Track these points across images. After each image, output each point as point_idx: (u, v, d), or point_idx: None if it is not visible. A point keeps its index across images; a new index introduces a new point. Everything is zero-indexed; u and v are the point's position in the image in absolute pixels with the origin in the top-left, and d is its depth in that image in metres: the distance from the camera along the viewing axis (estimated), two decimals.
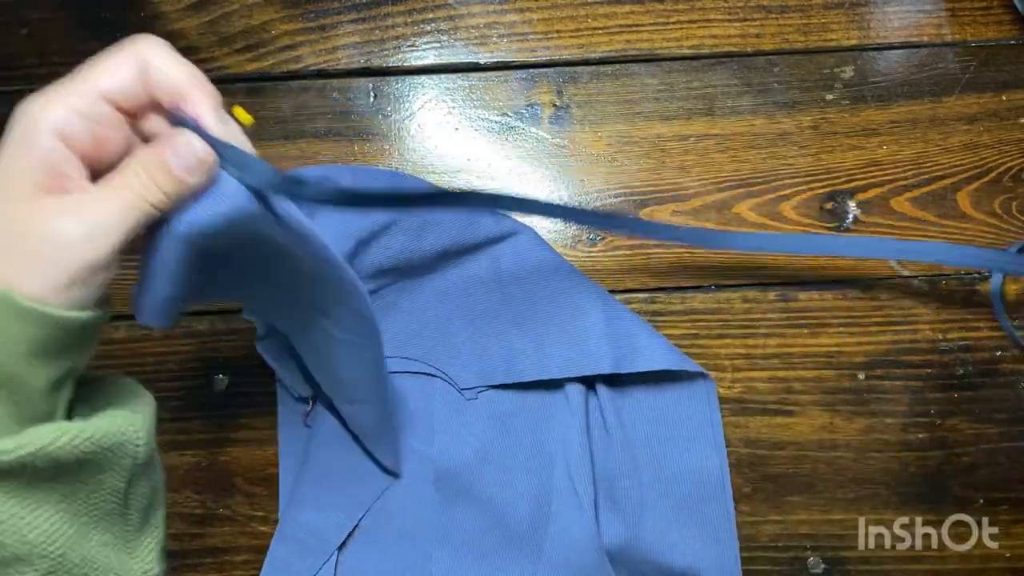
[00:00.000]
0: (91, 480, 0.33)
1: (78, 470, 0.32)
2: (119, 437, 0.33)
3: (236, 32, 0.53)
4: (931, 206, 0.51)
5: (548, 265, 0.49)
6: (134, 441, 0.34)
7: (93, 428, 0.32)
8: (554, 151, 0.52)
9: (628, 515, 0.47)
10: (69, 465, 0.31)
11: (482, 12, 0.53)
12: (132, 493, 0.35)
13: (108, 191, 0.31)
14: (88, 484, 0.33)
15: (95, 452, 0.32)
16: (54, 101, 0.30)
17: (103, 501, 0.34)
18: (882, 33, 0.53)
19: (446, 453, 0.49)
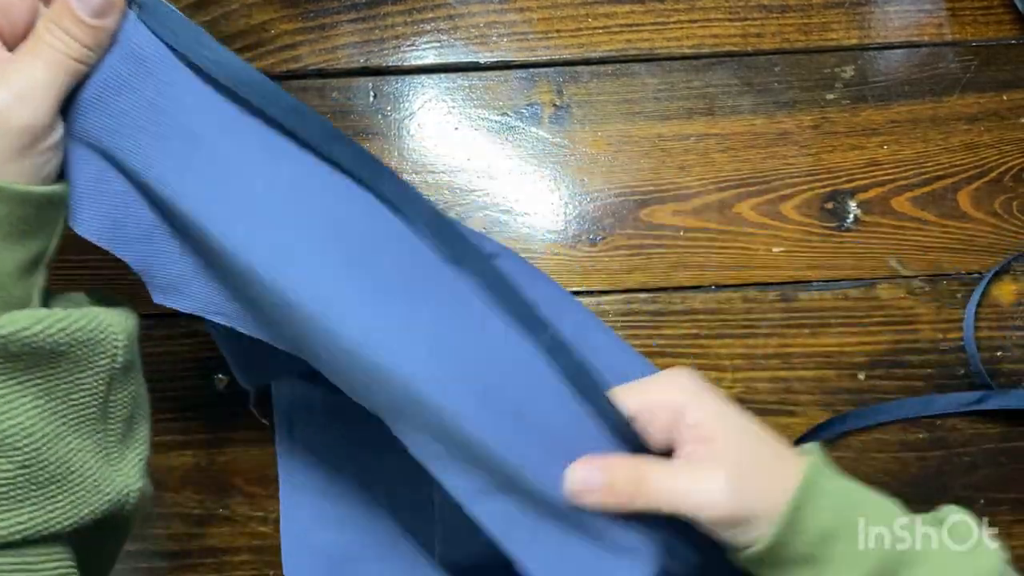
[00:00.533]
0: (69, 377, 0.32)
1: (54, 362, 0.31)
2: (96, 333, 0.32)
3: (236, 32, 0.53)
4: (931, 206, 0.51)
5: None
6: (112, 340, 0.33)
7: (70, 318, 0.31)
8: (554, 151, 0.52)
9: None
10: (44, 355, 0.30)
11: (482, 12, 0.53)
12: (112, 400, 0.34)
13: (26, 56, 0.30)
14: (66, 381, 0.32)
15: (71, 343, 0.31)
16: None
17: (82, 403, 0.33)
18: (882, 33, 0.53)
19: None
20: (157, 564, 0.48)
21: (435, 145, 0.52)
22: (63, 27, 0.30)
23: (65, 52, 0.30)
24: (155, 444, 0.49)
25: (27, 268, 0.32)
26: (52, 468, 0.31)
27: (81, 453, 0.33)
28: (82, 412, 0.33)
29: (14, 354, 0.30)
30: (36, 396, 0.31)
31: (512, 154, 0.52)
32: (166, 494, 0.50)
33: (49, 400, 0.31)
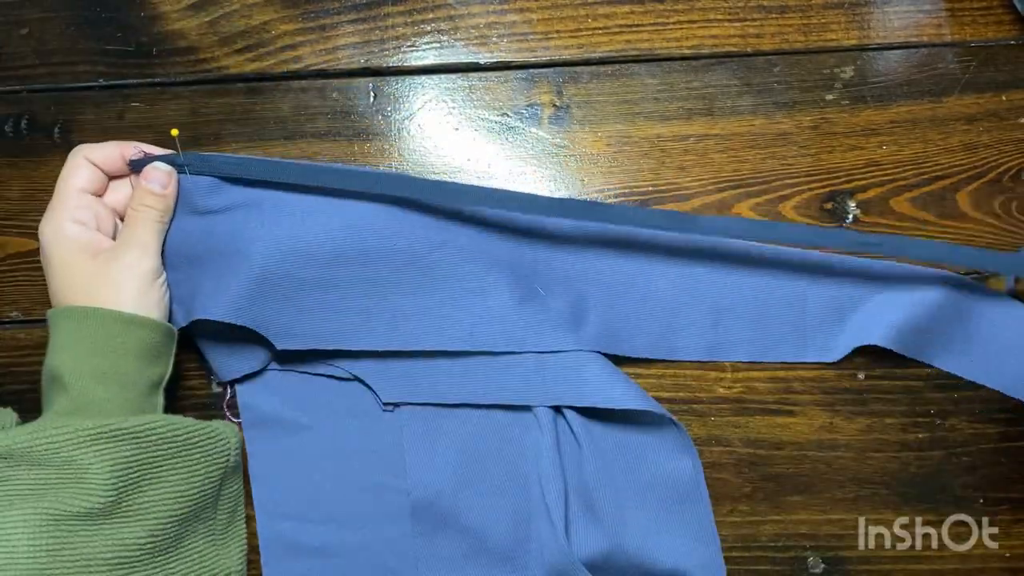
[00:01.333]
0: (195, 467, 0.43)
1: (187, 453, 0.43)
2: (216, 435, 0.45)
3: (236, 32, 0.53)
4: (931, 206, 0.51)
5: None
6: (226, 442, 0.46)
7: (196, 422, 0.44)
8: (554, 151, 0.52)
9: (607, 525, 0.47)
10: (179, 443, 0.43)
11: (482, 12, 0.53)
12: (223, 494, 0.46)
13: (131, 227, 0.46)
14: (193, 471, 0.43)
15: (199, 440, 0.44)
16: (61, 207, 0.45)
17: (202, 491, 0.43)
18: (882, 33, 0.53)
19: (421, 485, 0.48)
20: None
21: (435, 146, 0.52)
22: (147, 203, 0.46)
23: (152, 218, 0.46)
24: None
25: (155, 386, 0.45)
26: (171, 541, 0.42)
27: (194, 535, 0.43)
28: (200, 499, 0.43)
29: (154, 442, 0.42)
30: (170, 480, 0.42)
31: (512, 155, 0.52)
32: None
33: (179, 484, 0.42)
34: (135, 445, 0.41)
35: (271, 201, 0.48)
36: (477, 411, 0.49)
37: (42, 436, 0.40)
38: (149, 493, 0.41)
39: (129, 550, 0.39)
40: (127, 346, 0.43)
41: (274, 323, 0.47)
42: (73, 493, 0.39)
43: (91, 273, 0.44)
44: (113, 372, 0.43)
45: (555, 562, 0.46)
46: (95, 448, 0.40)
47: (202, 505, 0.44)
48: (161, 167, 0.47)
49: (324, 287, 0.47)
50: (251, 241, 0.46)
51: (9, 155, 0.52)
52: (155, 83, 0.53)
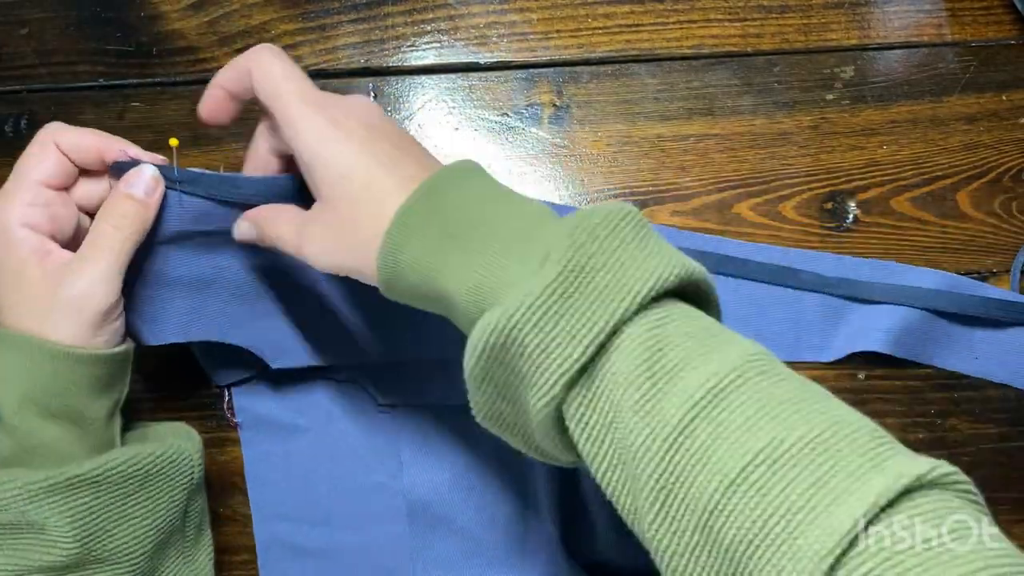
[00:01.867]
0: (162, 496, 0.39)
1: (151, 483, 0.39)
2: (177, 456, 0.40)
3: (236, 32, 0.53)
4: (931, 206, 0.51)
5: None
6: (190, 461, 0.41)
7: (157, 448, 0.40)
8: (554, 151, 0.52)
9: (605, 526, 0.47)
10: (141, 477, 0.38)
11: (482, 12, 0.53)
12: (189, 511, 0.42)
13: (91, 250, 0.37)
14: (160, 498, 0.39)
15: (162, 466, 0.39)
16: (10, 203, 0.37)
17: (170, 514, 0.40)
18: (882, 33, 0.53)
19: (417, 486, 0.48)
20: None
21: (435, 146, 0.52)
22: (121, 211, 0.37)
23: (122, 238, 0.37)
24: None
25: (111, 413, 0.40)
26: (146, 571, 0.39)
27: (167, 558, 0.40)
28: (171, 522, 0.40)
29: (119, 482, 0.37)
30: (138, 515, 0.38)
31: (512, 154, 0.52)
32: None
33: (147, 517, 0.39)
34: (95, 490, 0.36)
35: None
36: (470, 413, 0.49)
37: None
38: (118, 535, 0.37)
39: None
40: (78, 384, 0.37)
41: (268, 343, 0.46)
42: (34, 548, 0.35)
43: (38, 290, 0.36)
44: (63, 411, 0.37)
45: (552, 562, 0.46)
46: (50, 501, 0.35)
47: (171, 529, 0.40)
48: (149, 170, 0.38)
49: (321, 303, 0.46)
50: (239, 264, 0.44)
51: (9, 155, 0.52)
52: (155, 83, 0.53)
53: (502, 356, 0.30)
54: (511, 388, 0.31)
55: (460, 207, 0.33)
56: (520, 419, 0.32)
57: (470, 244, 0.32)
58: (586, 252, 0.30)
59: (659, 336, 0.29)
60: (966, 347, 0.49)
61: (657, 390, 0.28)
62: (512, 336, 0.29)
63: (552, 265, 0.29)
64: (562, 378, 0.29)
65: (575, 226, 0.30)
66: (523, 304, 0.29)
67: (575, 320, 0.29)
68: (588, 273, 0.30)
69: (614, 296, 0.29)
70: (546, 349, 0.29)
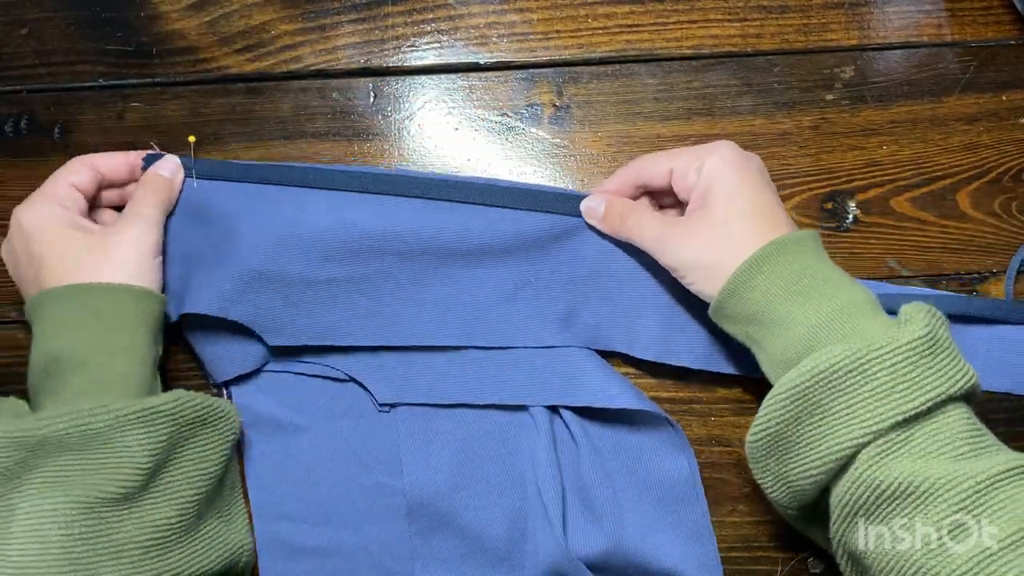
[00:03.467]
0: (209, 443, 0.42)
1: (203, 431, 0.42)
2: (224, 412, 0.44)
3: (236, 32, 0.53)
4: (931, 206, 0.51)
5: None
6: (233, 419, 0.44)
7: (210, 399, 0.43)
8: (554, 151, 0.52)
9: (606, 524, 0.47)
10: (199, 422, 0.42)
11: (482, 12, 0.53)
12: (227, 473, 0.45)
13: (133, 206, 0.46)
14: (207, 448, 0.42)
15: (217, 415, 0.43)
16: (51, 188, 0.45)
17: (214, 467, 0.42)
18: (882, 33, 0.53)
19: (417, 485, 0.48)
20: None
21: (435, 146, 0.52)
22: (154, 184, 0.47)
23: (155, 201, 0.46)
24: None
25: (156, 365, 0.44)
26: (193, 520, 0.41)
27: (208, 514, 0.43)
28: (212, 475, 0.42)
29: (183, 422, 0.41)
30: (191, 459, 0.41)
31: (512, 154, 0.52)
32: None
33: (200, 462, 0.42)
34: (171, 424, 0.40)
35: (265, 199, 0.48)
36: (473, 411, 0.49)
37: (79, 420, 0.38)
38: (174, 473, 0.40)
39: (161, 531, 0.39)
40: (140, 319, 0.42)
41: (265, 319, 0.47)
42: (106, 478, 0.38)
43: (88, 248, 0.43)
44: (132, 346, 0.42)
45: (553, 561, 0.46)
46: (136, 430, 0.39)
47: (213, 484, 0.43)
48: (174, 158, 0.48)
49: (315, 284, 0.47)
50: (243, 237, 0.47)
51: (9, 155, 0.52)
52: (155, 83, 0.53)
53: (837, 382, 0.36)
54: (812, 423, 0.37)
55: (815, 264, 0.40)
56: (796, 457, 0.38)
57: (824, 288, 0.39)
58: (937, 332, 0.37)
59: (973, 420, 0.36)
60: None
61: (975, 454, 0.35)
62: (863, 366, 0.35)
63: (917, 327, 0.36)
64: (896, 417, 0.35)
65: (926, 310, 0.38)
66: (888, 345, 0.35)
67: (924, 376, 0.35)
68: (938, 347, 0.36)
69: (953, 374, 0.36)
70: (893, 389, 0.35)
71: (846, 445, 0.35)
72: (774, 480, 0.39)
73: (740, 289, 0.40)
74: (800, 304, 0.39)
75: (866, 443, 0.35)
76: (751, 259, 0.40)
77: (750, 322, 0.41)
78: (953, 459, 0.34)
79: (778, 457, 0.39)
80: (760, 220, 0.41)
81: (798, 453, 0.38)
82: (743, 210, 0.41)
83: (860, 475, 0.35)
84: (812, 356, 0.36)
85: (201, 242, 0.48)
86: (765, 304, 0.40)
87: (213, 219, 0.48)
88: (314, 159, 0.52)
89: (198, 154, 0.51)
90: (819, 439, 0.37)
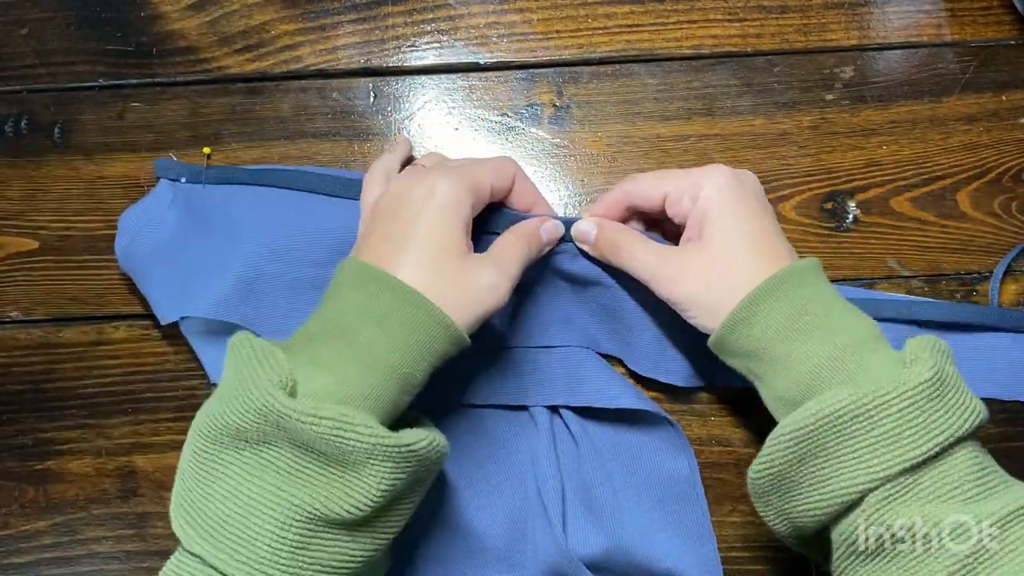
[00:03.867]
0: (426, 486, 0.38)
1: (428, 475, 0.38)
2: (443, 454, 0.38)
3: (236, 32, 0.53)
4: (931, 206, 0.51)
5: None
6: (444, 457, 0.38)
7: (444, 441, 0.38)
8: (554, 151, 0.52)
9: (607, 523, 0.47)
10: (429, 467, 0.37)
11: (482, 12, 0.53)
12: None
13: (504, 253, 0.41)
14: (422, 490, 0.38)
15: (439, 459, 0.38)
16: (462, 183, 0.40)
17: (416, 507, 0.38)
18: (882, 33, 0.53)
19: None
20: (157, 564, 0.48)
21: (435, 146, 0.52)
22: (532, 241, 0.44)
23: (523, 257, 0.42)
24: (155, 444, 0.50)
25: None
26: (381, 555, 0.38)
27: None
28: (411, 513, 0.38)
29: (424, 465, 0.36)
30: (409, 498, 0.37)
31: (512, 154, 0.52)
32: (167, 493, 0.50)
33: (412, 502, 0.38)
34: (416, 467, 0.36)
35: (269, 202, 0.48)
36: (473, 411, 0.49)
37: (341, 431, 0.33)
38: (390, 511, 0.37)
39: (355, 562, 0.35)
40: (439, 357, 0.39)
41: (266, 321, 0.47)
42: (338, 496, 0.34)
43: (451, 269, 0.38)
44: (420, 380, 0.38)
45: (553, 561, 0.46)
46: (385, 465, 0.34)
47: None
48: (561, 228, 0.46)
49: (318, 287, 0.47)
50: (246, 240, 0.47)
51: (9, 155, 0.52)
52: (155, 83, 0.53)
53: (844, 426, 0.35)
54: (816, 464, 0.36)
55: (816, 297, 0.39)
56: (798, 496, 0.37)
57: (826, 323, 0.38)
58: (945, 371, 0.35)
59: (981, 459, 0.35)
60: None
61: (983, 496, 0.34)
62: (870, 412, 0.34)
63: (924, 369, 0.35)
64: (903, 464, 0.34)
65: (932, 346, 0.36)
66: (896, 390, 0.34)
67: (932, 420, 0.34)
68: (945, 387, 0.35)
69: (961, 414, 0.35)
70: (900, 435, 0.34)
71: (851, 490, 0.35)
72: (776, 515, 0.39)
73: (739, 326, 0.39)
74: (802, 342, 0.38)
75: (873, 488, 0.34)
76: (750, 297, 0.39)
77: (751, 358, 0.40)
78: (962, 503, 0.34)
79: (781, 495, 0.38)
80: (758, 254, 0.40)
81: (801, 493, 0.37)
82: (740, 244, 0.40)
83: (868, 519, 0.35)
84: (817, 399, 0.35)
85: (204, 244, 0.48)
86: (766, 342, 0.39)
87: (217, 222, 0.48)
88: (314, 159, 0.52)
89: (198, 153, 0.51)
90: (823, 481, 0.36)
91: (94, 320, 0.51)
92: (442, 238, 0.38)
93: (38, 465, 0.50)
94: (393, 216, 0.39)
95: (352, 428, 0.33)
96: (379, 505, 0.35)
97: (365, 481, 0.34)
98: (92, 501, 0.49)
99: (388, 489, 0.35)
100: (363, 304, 0.37)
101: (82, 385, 0.50)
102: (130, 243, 0.48)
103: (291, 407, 0.33)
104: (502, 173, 0.43)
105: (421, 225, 0.38)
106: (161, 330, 0.50)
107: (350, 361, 0.36)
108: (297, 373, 0.35)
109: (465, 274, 0.39)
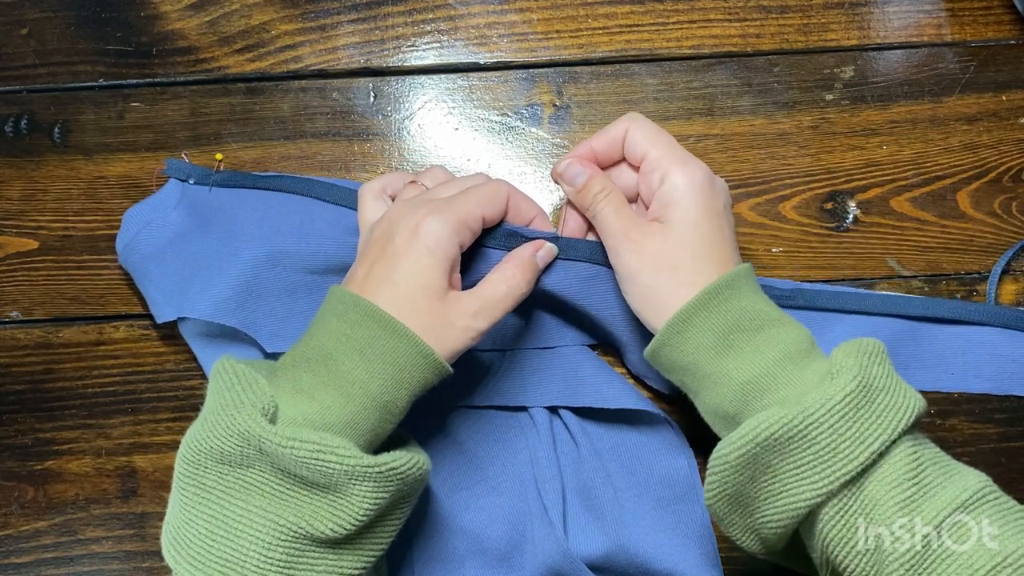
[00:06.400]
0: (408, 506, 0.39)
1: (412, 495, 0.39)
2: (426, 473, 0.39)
3: (236, 32, 0.53)
4: (931, 206, 0.51)
5: None
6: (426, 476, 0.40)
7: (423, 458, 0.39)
8: (554, 151, 0.52)
9: (608, 523, 0.47)
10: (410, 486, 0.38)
11: (482, 12, 0.53)
12: None
13: (491, 289, 0.41)
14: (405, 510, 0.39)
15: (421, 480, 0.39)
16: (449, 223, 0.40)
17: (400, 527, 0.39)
18: (882, 33, 0.53)
19: None
20: (157, 564, 0.49)
21: (435, 146, 0.52)
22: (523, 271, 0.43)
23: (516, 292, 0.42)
24: (155, 444, 0.50)
25: None
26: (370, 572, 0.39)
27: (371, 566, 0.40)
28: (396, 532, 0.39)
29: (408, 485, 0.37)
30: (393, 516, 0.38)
31: (512, 154, 0.52)
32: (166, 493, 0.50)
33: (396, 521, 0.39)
34: (399, 485, 0.37)
35: (271, 207, 0.48)
36: (473, 412, 0.49)
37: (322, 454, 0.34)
38: (375, 528, 0.38)
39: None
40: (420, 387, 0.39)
41: (264, 325, 0.47)
42: (323, 516, 0.35)
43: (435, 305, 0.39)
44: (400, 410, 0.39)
45: (554, 562, 0.46)
46: (366, 485, 0.35)
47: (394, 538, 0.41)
48: (555, 251, 0.45)
49: (316, 292, 0.47)
50: (246, 243, 0.47)
51: (9, 155, 0.52)
52: (155, 83, 0.53)
53: (781, 447, 0.35)
54: (766, 480, 0.36)
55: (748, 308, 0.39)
56: (757, 511, 0.38)
57: (756, 338, 0.39)
58: (871, 374, 0.36)
59: (918, 454, 0.35)
60: (937, 364, 0.49)
61: (921, 495, 0.34)
62: (802, 432, 0.35)
63: (848, 379, 0.35)
64: (845, 476, 0.34)
65: (857, 350, 0.37)
66: (823, 407, 0.35)
67: (864, 429, 0.35)
68: (873, 392, 0.36)
69: (893, 416, 0.35)
70: (836, 449, 0.35)
71: (800, 505, 0.36)
72: (742, 531, 0.40)
73: (673, 341, 0.40)
74: (732, 358, 0.38)
75: (821, 503, 0.35)
76: (681, 312, 0.39)
77: (684, 372, 0.40)
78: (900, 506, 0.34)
79: (742, 511, 0.39)
80: (708, 258, 0.40)
81: (759, 507, 0.38)
82: (695, 243, 0.40)
83: (827, 535, 0.36)
84: (749, 421, 0.36)
85: (206, 246, 0.48)
86: (697, 357, 0.39)
87: (220, 225, 0.48)
88: (314, 159, 0.52)
89: (198, 153, 0.51)
90: (775, 496, 0.37)
91: (94, 320, 0.51)
92: (421, 278, 0.39)
93: (38, 465, 0.50)
94: (380, 251, 0.40)
95: (332, 451, 0.34)
96: (364, 523, 0.36)
97: (349, 501, 0.35)
98: (92, 501, 0.49)
99: (372, 508, 0.36)
100: (346, 333, 0.38)
101: (82, 385, 0.50)
102: (132, 240, 0.48)
103: (271, 432, 0.34)
104: (495, 200, 0.43)
105: (402, 265, 0.39)
106: (161, 330, 0.50)
107: (330, 389, 0.37)
108: (279, 399, 0.36)
109: (441, 314, 0.39)
